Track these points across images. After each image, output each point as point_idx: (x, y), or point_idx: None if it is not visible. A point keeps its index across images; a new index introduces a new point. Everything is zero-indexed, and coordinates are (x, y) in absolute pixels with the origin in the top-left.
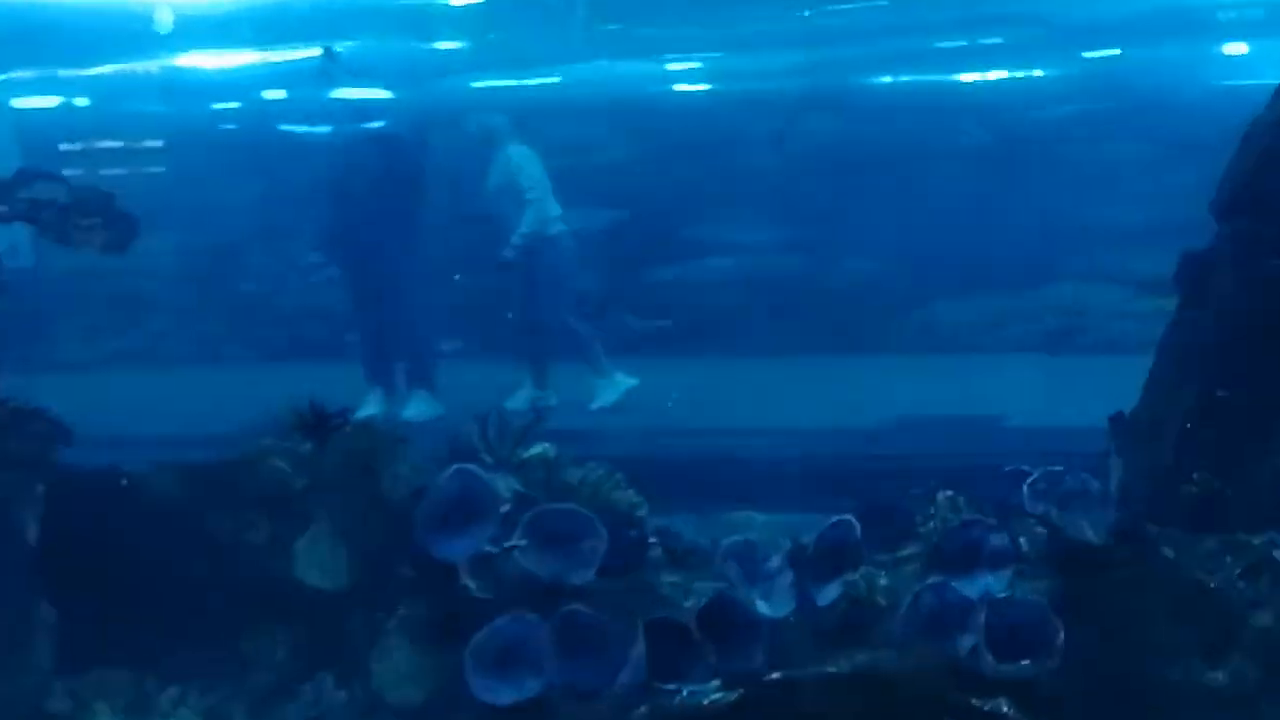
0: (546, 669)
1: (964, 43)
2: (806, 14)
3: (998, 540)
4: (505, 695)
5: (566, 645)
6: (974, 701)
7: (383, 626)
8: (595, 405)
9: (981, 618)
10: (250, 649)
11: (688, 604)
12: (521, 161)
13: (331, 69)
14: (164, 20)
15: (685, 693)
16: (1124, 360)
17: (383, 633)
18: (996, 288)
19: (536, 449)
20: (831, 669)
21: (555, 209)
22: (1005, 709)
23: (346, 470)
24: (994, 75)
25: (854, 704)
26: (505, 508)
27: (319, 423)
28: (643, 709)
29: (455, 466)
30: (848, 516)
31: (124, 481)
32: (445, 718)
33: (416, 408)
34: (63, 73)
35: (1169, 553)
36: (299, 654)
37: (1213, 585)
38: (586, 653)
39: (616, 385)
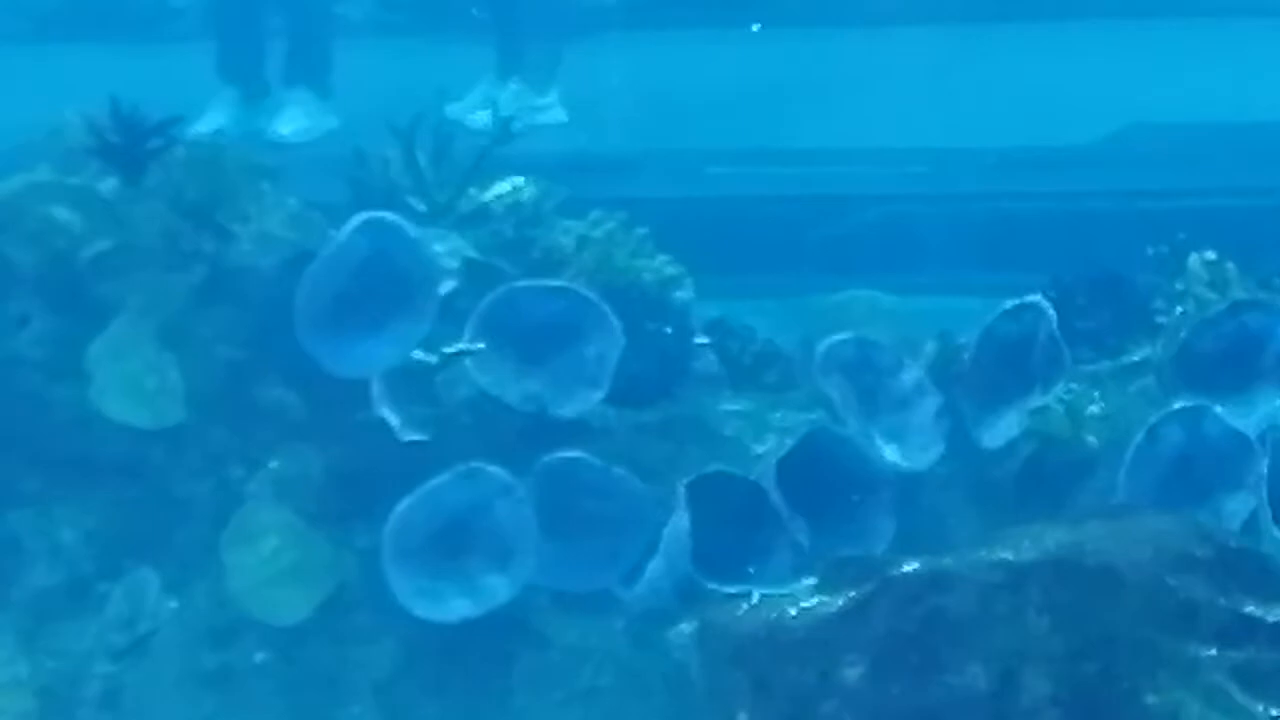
0: (522, 561)
1: None
2: None
3: None
4: (453, 605)
5: (556, 521)
6: (1249, 608)
7: (240, 491)
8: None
9: (1264, 465)
10: (18, 530)
11: (762, 449)
12: None
13: None
14: None
15: (757, 596)
16: None
17: (241, 502)
18: None
19: (502, 186)
20: (1007, 554)
21: None
22: None
23: (175, 224)
24: None
25: (1044, 610)
26: (448, 287)
27: (129, 142)
28: (685, 626)
29: (362, 217)
30: (1035, 298)
31: None
32: (348, 642)
33: (295, 116)
34: None
35: None
36: (100, 539)
37: None
38: (590, 533)
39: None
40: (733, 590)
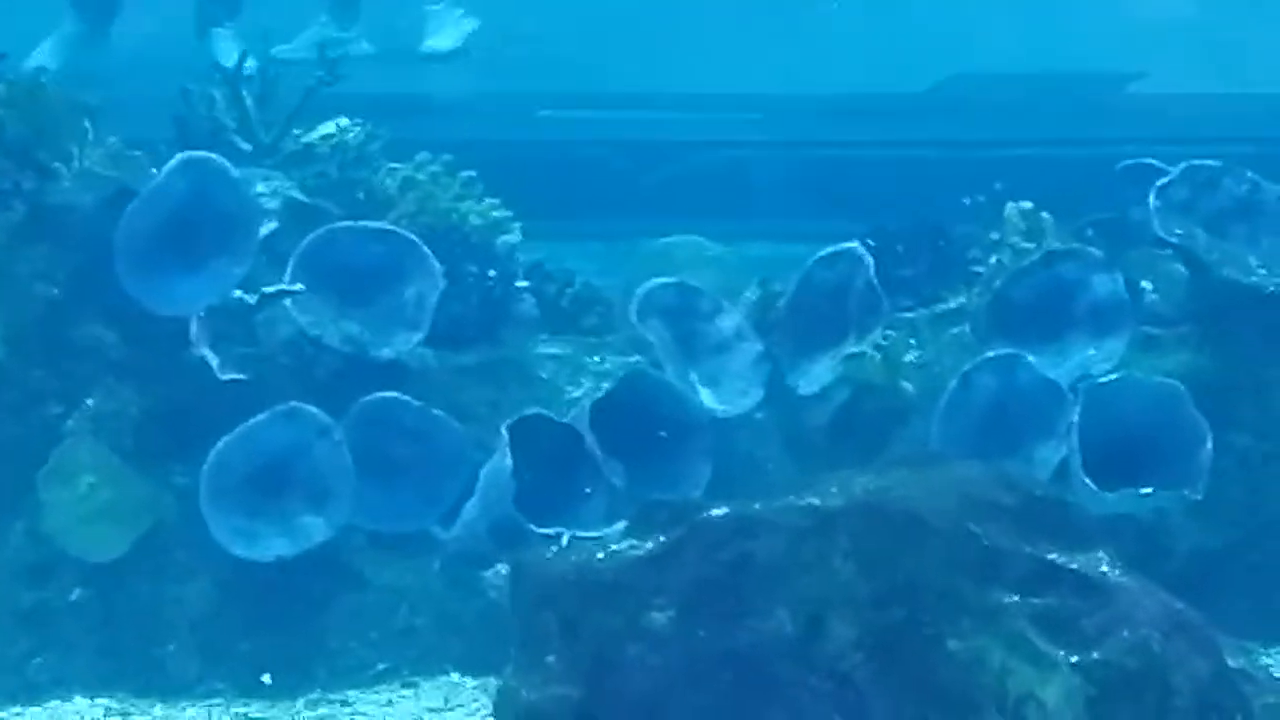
0: (340, 501)
1: None
2: None
3: (1104, 284)
4: (270, 545)
5: (375, 462)
6: (1052, 556)
7: (58, 429)
8: (426, 47)
9: (1075, 414)
10: None
11: (578, 393)
12: None
13: None
14: None
15: (566, 539)
16: None
17: (58, 439)
18: None
19: (326, 128)
20: (815, 500)
21: None
22: (1105, 568)
23: None
24: None
25: (850, 556)
26: (269, 227)
27: None
28: (500, 567)
29: (183, 157)
30: (852, 245)
31: None
32: (165, 580)
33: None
34: None
35: None
36: None
37: None
38: (408, 474)
39: (454, 22)
40: (547, 531)
